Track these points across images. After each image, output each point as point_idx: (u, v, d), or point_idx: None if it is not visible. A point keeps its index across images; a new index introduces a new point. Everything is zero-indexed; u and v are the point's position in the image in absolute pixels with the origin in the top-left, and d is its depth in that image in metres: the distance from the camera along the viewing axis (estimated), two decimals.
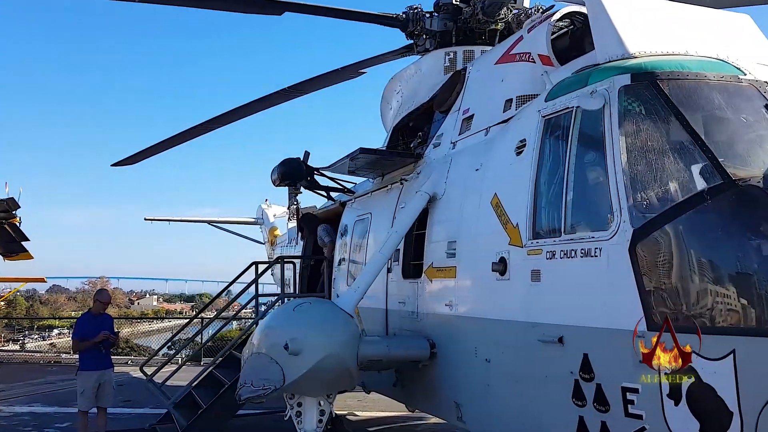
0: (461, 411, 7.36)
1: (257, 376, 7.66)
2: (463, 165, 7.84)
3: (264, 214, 25.23)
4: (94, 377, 10.58)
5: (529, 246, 6.07)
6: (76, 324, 11.00)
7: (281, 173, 11.66)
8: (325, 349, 7.16)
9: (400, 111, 11.10)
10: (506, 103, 7.48)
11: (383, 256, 7.98)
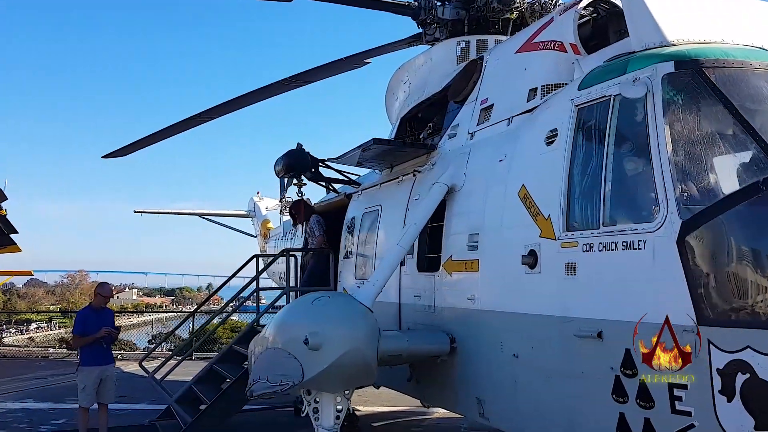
0: (483, 407, 7.20)
1: (274, 372, 7.44)
2: (484, 156, 7.66)
3: (256, 206, 24.96)
4: (95, 373, 10.32)
5: (562, 238, 5.91)
6: (77, 318, 10.71)
7: (286, 164, 11.44)
8: (346, 343, 6.97)
9: (408, 101, 10.91)
10: (530, 93, 7.31)
11: (402, 248, 7.80)
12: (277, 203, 24.53)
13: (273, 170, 11.95)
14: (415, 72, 10.95)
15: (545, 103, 6.90)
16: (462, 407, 7.80)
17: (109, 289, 10.95)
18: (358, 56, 12.33)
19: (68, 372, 19.42)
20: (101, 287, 10.90)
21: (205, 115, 15.00)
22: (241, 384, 10.71)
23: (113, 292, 11.50)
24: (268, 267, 12.63)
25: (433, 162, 8.89)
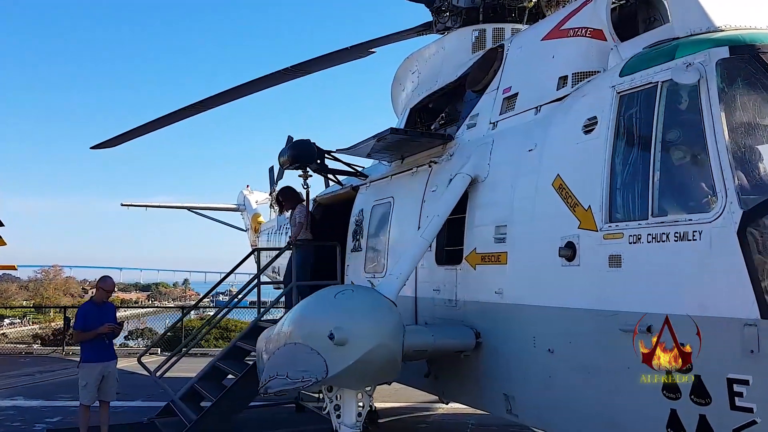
0: (512, 403, 7.01)
1: (294, 368, 7.19)
2: (510, 145, 7.46)
3: (246, 200, 24.59)
4: (97, 369, 9.99)
5: (605, 230, 5.72)
6: (78, 313, 10.34)
7: (292, 155, 11.15)
8: (373, 339, 6.73)
9: (418, 91, 10.67)
10: (560, 81, 7.11)
11: (425, 240, 7.56)
12: (267, 197, 24.21)
13: (277, 160, 11.68)
14: (426, 62, 10.72)
15: (579, 90, 6.70)
16: (487, 403, 7.60)
17: (111, 282, 10.58)
18: (364, 45, 12.06)
19: (55, 368, 19.06)
20: (103, 281, 10.53)
21: (201, 105, 14.64)
22: (247, 381, 10.47)
23: (114, 286, 11.09)
24: (273, 261, 12.29)
25: (451, 152, 8.67)
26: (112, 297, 45.45)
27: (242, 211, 24.90)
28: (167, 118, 15.39)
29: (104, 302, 10.40)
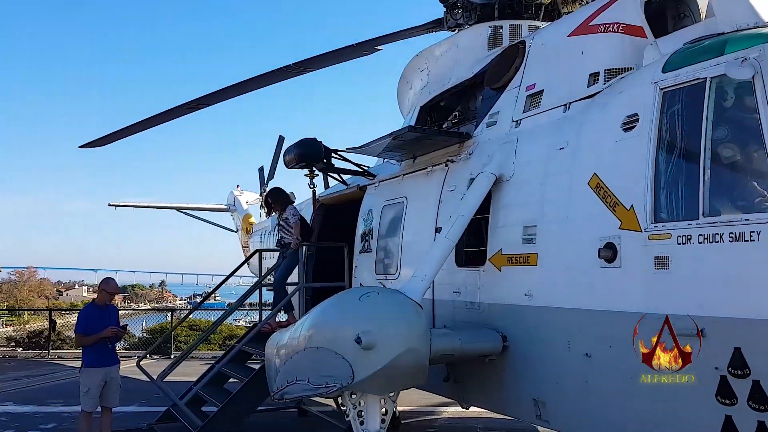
0: (542, 409, 6.82)
1: (317, 373, 6.95)
2: (537, 144, 7.27)
3: (236, 200, 24.23)
4: (100, 375, 9.63)
5: (651, 230, 5.55)
6: (80, 316, 9.94)
7: (299, 154, 10.89)
8: (402, 343, 6.51)
9: (429, 89, 10.46)
10: (591, 78, 6.94)
11: (450, 241, 7.35)
12: (257, 197, 23.89)
13: (282, 160, 11.38)
14: (437, 59, 10.51)
15: (614, 87, 6.53)
16: (514, 408, 7.40)
17: (114, 285, 10.20)
18: (370, 42, 11.81)
19: (42, 372, 18.58)
20: (105, 283, 10.13)
21: (199, 103, 14.32)
22: (253, 385, 10.19)
23: (117, 288, 10.69)
24: (277, 264, 11.98)
25: (470, 151, 8.47)
26: (89, 298, 44.17)
27: (232, 212, 24.54)
28: (162, 116, 15.03)
29: (107, 305, 10.04)
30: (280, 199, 12.12)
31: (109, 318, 9.91)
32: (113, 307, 10.39)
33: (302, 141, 10.97)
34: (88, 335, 9.64)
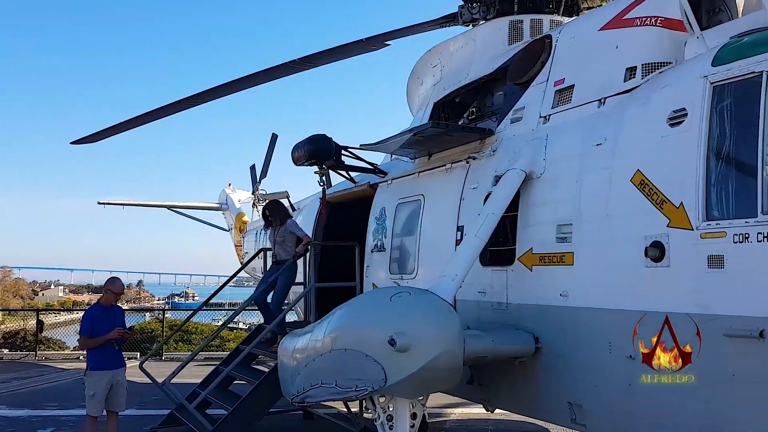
0: (578, 412, 6.63)
1: (345, 376, 6.72)
2: (570, 140, 7.08)
3: (229, 199, 23.84)
4: (106, 378, 9.29)
5: (703, 228, 5.37)
6: (85, 318, 9.56)
7: (309, 151, 10.62)
8: (439, 345, 6.29)
9: (444, 85, 10.24)
10: (628, 72, 6.77)
11: (481, 239, 7.14)
12: (249, 195, 23.54)
13: (291, 157, 11.07)
14: (451, 54, 10.30)
15: (656, 82, 6.36)
16: (546, 412, 7.20)
17: (120, 285, 9.84)
18: (379, 37, 11.57)
19: (32, 375, 18.12)
20: (111, 283, 9.77)
21: (198, 98, 14.00)
22: (264, 388, 9.93)
23: (123, 288, 10.33)
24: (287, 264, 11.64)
25: (493, 148, 8.26)
26: (64, 298, 43.12)
27: (224, 211, 24.14)
28: (158, 112, 14.70)
29: (112, 305, 9.70)
30: (280, 213, 11.63)
31: (115, 319, 9.59)
32: (119, 307, 10.06)
33: (313, 137, 10.71)
34: (94, 337, 9.32)
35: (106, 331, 9.29)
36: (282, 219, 11.44)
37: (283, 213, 11.69)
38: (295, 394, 7.72)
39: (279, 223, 11.43)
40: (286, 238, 11.29)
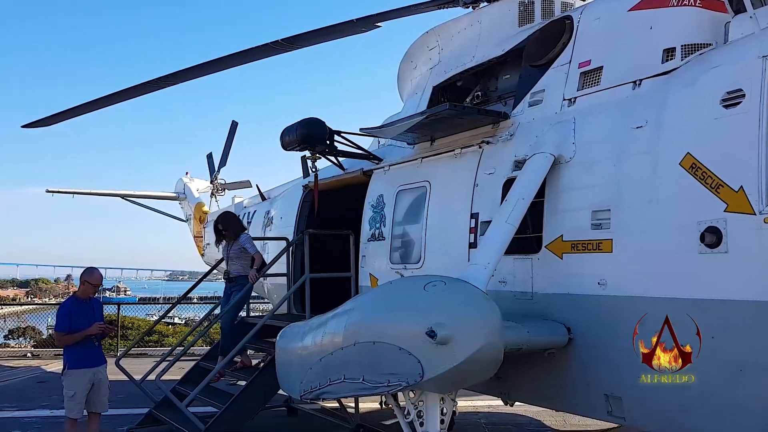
0: (616, 404, 6.40)
1: (374, 371, 6.33)
2: (603, 123, 6.83)
3: (186, 188, 22.91)
4: (86, 377, 8.65)
5: (767, 213, 5.18)
6: (61, 312, 8.87)
7: (302, 135, 10.09)
8: (483, 336, 5.95)
9: (444, 68, 9.87)
10: (666, 53, 6.56)
11: (512, 226, 6.82)
12: (208, 185, 22.75)
13: (280, 142, 10.51)
14: (452, 37, 9.94)
15: (702, 62, 6.15)
16: (579, 405, 6.94)
17: (98, 275, 9.06)
18: (370, 18, 11.08)
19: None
20: (89, 274, 8.99)
21: (170, 79, 13.25)
22: (258, 385, 9.45)
23: (101, 279, 9.58)
24: (278, 257, 11.09)
25: (510, 132, 7.96)
26: None
27: (181, 200, 23.18)
28: (123, 94, 13.87)
29: (90, 298, 9.01)
30: (234, 226, 11.12)
31: (94, 313, 8.93)
32: (97, 300, 9.38)
33: (306, 121, 10.20)
34: (71, 333, 8.62)
35: (85, 325, 8.64)
36: (236, 233, 10.96)
37: (237, 226, 11.19)
38: (308, 391, 7.29)
39: (233, 237, 10.93)
40: (240, 255, 10.84)
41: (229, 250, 10.98)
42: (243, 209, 17.79)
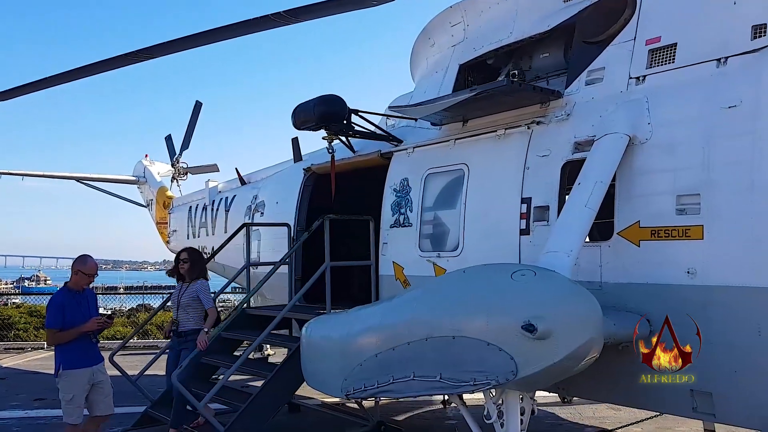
0: (704, 400, 6.06)
1: (455, 368, 5.79)
2: (685, 102, 6.44)
3: (147, 171, 21.67)
4: (85, 377, 7.75)
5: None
6: (52, 306, 7.81)
7: (322, 113, 9.41)
8: (588, 330, 5.50)
9: (473, 46, 9.32)
10: (755, 30, 6.20)
11: (591, 210, 6.36)
12: (170, 168, 21.62)
13: (293, 120, 9.78)
14: (481, 13, 9.40)
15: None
16: (657, 401, 6.55)
17: (93, 264, 8.06)
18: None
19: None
20: (82, 262, 7.97)
21: (153, 51, 12.27)
22: (279, 381, 8.76)
23: (96, 268, 8.61)
24: (299, 243, 10.20)
25: (567, 112, 7.50)
26: None
27: (141, 184, 21.89)
28: (96, 67, 12.80)
29: (83, 289, 8.07)
30: (199, 267, 9.58)
31: (89, 306, 7.99)
32: (91, 291, 8.35)
33: (325, 98, 9.53)
34: (65, 330, 7.69)
35: (79, 321, 7.72)
36: (197, 275, 9.45)
37: (201, 268, 9.63)
38: (358, 389, 6.71)
39: (192, 277, 9.38)
40: (194, 303, 9.25)
41: (180, 295, 9.36)
42: (218, 194, 16.86)
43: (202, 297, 9.22)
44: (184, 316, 9.20)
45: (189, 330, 9.17)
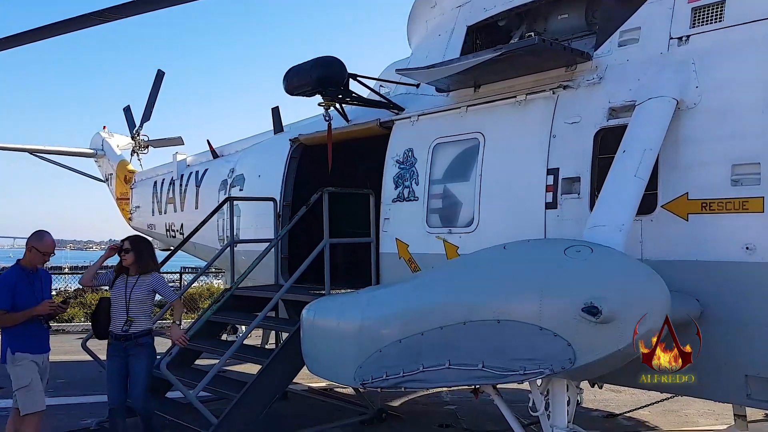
0: (761, 387, 5.60)
1: (501, 356, 5.19)
2: (741, 65, 5.91)
3: (105, 144, 20.41)
4: (39, 362, 7.01)
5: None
6: (1, 285, 6.95)
7: (318, 77, 8.61)
8: (657, 312, 4.94)
9: (483, 6, 8.64)
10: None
11: (642, 180, 5.80)
12: (129, 141, 20.45)
13: (285, 85, 8.96)
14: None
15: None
16: (705, 387, 6.04)
17: (50, 242, 7.16)
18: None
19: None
20: (38, 239, 7.08)
21: (108, 13, 11.15)
22: (276, 368, 8.06)
23: (54, 246, 7.74)
24: (297, 217, 9.27)
25: (599, 75, 6.92)
26: None
27: (99, 158, 20.58)
28: (48, 29, 11.71)
29: (37, 269, 7.21)
30: (147, 256, 7.80)
31: (42, 287, 7.16)
32: (45, 271, 7.43)
33: (323, 60, 8.73)
34: (15, 311, 6.87)
35: (32, 302, 6.94)
36: (148, 266, 7.69)
37: (151, 258, 7.87)
38: (378, 378, 6.10)
39: (140, 269, 7.60)
40: (146, 299, 7.57)
41: (129, 288, 7.51)
42: (187, 168, 15.87)
43: (163, 292, 7.72)
44: (135, 313, 7.44)
45: (139, 332, 7.47)
